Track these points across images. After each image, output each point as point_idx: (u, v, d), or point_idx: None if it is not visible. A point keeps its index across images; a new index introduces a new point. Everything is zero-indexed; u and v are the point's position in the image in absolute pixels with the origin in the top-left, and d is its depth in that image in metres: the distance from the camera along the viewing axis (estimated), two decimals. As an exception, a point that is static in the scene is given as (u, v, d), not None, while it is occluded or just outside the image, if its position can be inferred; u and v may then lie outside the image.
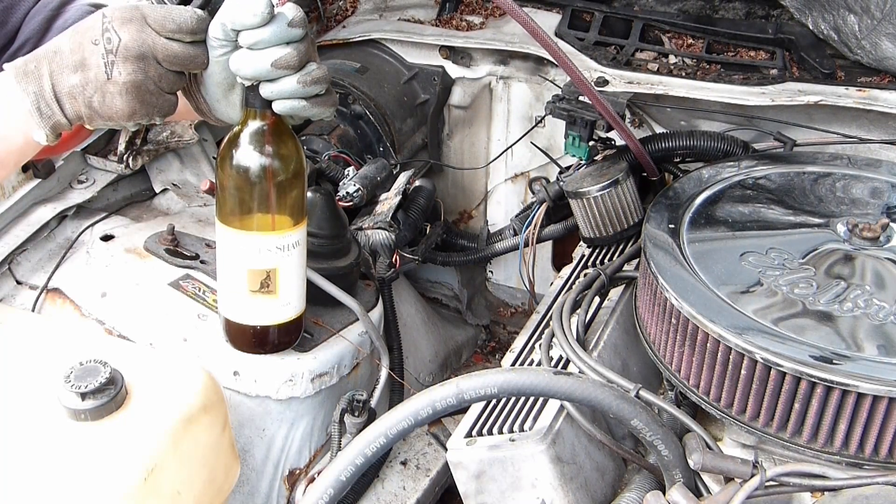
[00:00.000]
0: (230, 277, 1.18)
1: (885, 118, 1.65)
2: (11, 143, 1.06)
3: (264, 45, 0.99)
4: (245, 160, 1.09)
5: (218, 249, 1.18)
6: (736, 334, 1.06)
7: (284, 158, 1.11)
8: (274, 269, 1.15)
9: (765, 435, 1.08)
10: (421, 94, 2.12)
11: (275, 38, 0.99)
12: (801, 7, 1.74)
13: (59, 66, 1.02)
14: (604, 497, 1.22)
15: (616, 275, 1.44)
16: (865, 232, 1.23)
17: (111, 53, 1.00)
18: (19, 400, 1.11)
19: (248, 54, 1.01)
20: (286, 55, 1.00)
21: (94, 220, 1.63)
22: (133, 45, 1.00)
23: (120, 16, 1.01)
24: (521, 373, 1.01)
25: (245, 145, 1.09)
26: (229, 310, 1.21)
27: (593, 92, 1.43)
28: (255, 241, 1.14)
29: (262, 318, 1.20)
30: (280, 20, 0.99)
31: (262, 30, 0.98)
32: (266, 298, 1.17)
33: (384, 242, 1.64)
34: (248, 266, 1.15)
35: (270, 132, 1.09)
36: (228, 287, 1.19)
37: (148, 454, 1.07)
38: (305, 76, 1.02)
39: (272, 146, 1.09)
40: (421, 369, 1.90)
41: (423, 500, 1.58)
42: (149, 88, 1.02)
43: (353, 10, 2.31)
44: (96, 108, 1.02)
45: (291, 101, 1.04)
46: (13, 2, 1.29)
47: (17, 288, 1.52)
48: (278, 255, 1.15)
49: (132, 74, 1.00)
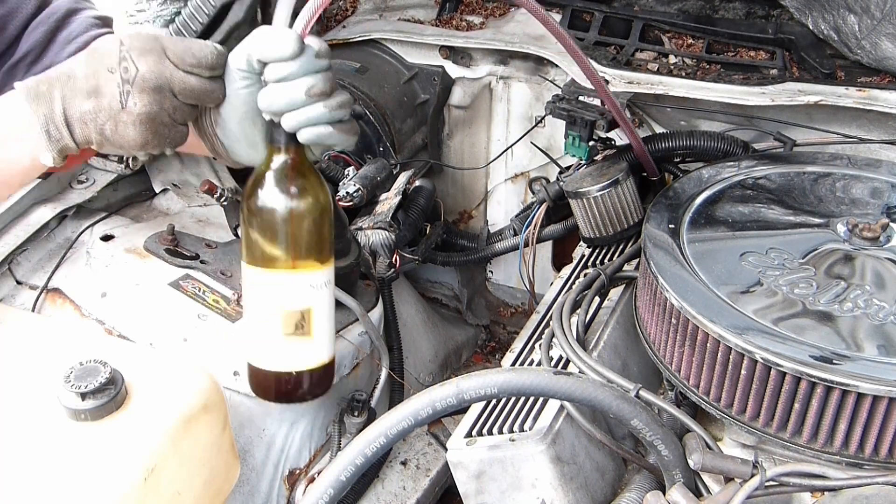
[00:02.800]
0: (261, 322, 1.11)
1: (885, 118, 1.65)
2: (18, 164, 1.05)
3: (294, 77, 0.99)
4: (274, 200, 1.06)
5: (246, 294, 1.12)
6: (736, 334, 1.06)
7: (313, 194, 1.08)
8: (308, 308, 1.09)
9: (765, 435, 1.08)
10: (421, 94, 2.12)
11: (303, 70, 0.99)
12: (801, 7, 1.74)
13: (72, 91, 1.02)
14: (604, 497, 1.22)
15: (616, 275, 1.44)
16: (865, 232, 1.23)
17: (127, 83, 0.99)
18: (19, 400, 1.11)
19: (278, 87, 1.00)
20: (319, 83, 1.00)
21: (94, 220, 1.63)
22: (151, 76, 0.99)
23: (139, 46, 1.00)
24: (521, 373, 1.01)
25: (272, 185, 1.06)
26: (260, 358, 1.12)
27: (604, 88, 1.43)
28: (289, 280, 1.09)
29: (298, 363, 1.12)
30: (308, 52, 0.99)
31: (292, 62, 0.98)
32: (301, 341, 1.11)
33: (384, 242, 1.64)
34: (283, 307, 1.09)
35: (296, 168, 1.07)
36: (259, 333, 1.12)
37: (148, 454, 1.07)
38: (332, 102, 1.02)
39: (301, 182, 1.07)
40: (421, 369, 1.90)
41: (423, 500, 1.58)
42: (163, 120, 1.02)
43: (353, 10, 2.31)
44: (108, 135, 1.02)
45: (318, 128, 1.02)
46: (12, 8, 1.28)
47: (17, 288, 1.52)
48: (312, 294, 1.10)
49: (147, 106, 1.00)
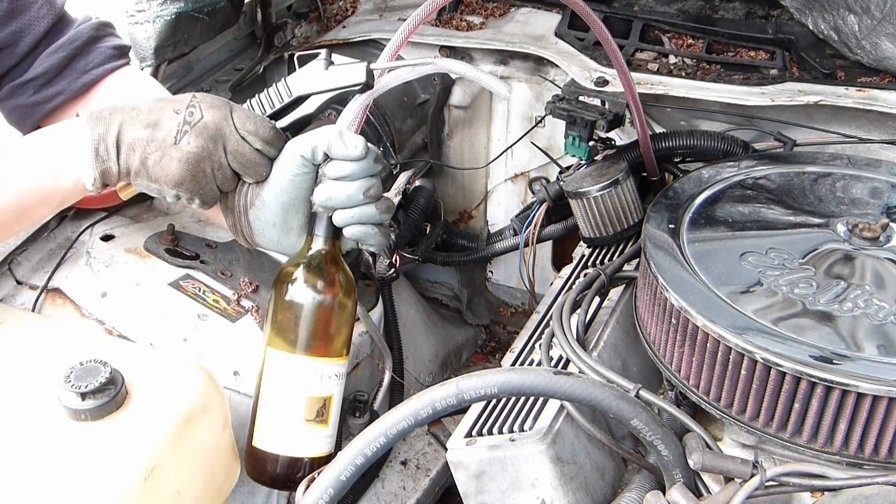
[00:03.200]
0: (282, 407, 1.12)
1: (885, 118, 1.65)
2: (61, 182, 1.08)
3: (355, 177, 1.06)
4: (313, 291, 1.11)
5: (266, 378, 1.13)
6: (736, 334, 1.06)
7: (347, 286, 1.14)
8: (330, 396, 1.13)
9: (765, 435, 1.08)
10: (421, 94, 2.11)
11: (364, 171, 1.06)
12: (801, 7, 1.74)
13: (132, 119, 1.06)
14: (604, 497, 1.22)
15: (616, 275, 1.44)
16: (865, 232, 1.23)
17: (188, 125, 1.04)
18: (19, 400, 1.11)
19: (338, 184, 1.07)
20: (375, 186, 1.08)
21: (94, 220, 1.63)
22: (212, 125, 1.05)
23: (210, 101, 1.07)
24: (521, 373, 1.01)
25: (312, 275, 1.11)
26: (276, 442, 1.13)
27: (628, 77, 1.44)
28: (318, 367, 1.12)
29: (309, 449, 1.14)
30: (370, 156, 1.07)
31: (356, 163, 1.06)
32: (318, 429, 1.13)
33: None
34: (308, 393, 1.11)
35: (334, 261, 1.13)
36: (277, 417, 1.13)
37: (148, 454, 1.07)
38: (382, 204, 1.10)
39: (337, 275, 1.13)
40: (421, 369, 1.90)
41: (423, 500, 1.58)
42: (205, 169, 1.06)
43: (353, 11, 2.31)
44: (149, 165, 1.05)
45: (366, 227, 1.09)
46: (26, 24, 1.30)
47: (17, 288, 1.51)
48: (334, 383, 1.13)
49: (198, 148, 1.04)
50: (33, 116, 1.34)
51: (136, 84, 1.39)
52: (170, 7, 1.73)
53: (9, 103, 1.35)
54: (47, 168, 1.08)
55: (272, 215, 1.11)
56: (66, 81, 1.33)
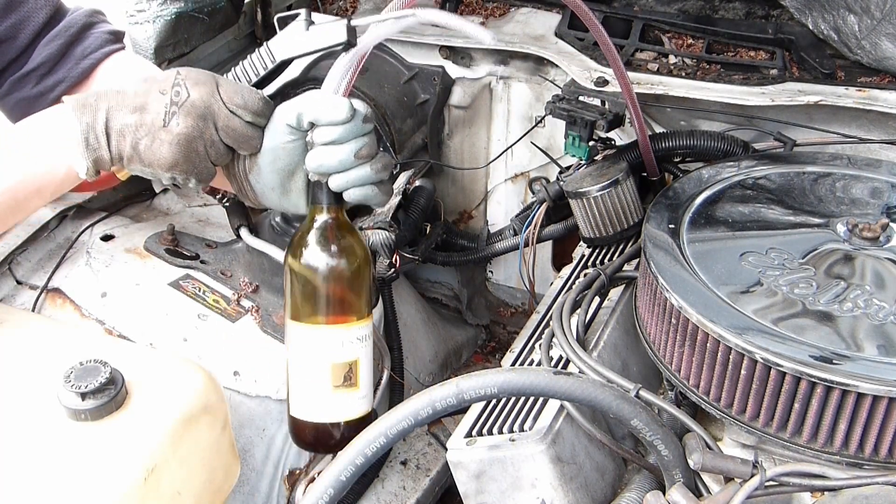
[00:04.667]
0: (309, 376, 1.14)
1: (885, 118, 1.65)
2: (54, 172, 1.07)
3: (343, 141, 1.04)
4: (322, 258, 1.11)
5: (291, 351, 1.15)
6: (736, 334, 1.06)
7: (357, 249, 1.13)
8: (356, 360, 1.13)
9: (765, 435, 1.08)
10: (421, 94, 2.11)
11: (351, 133, 1.04)
12: (801, 7, 1.74)
13: (119, 104, 1.04)
14: (604, 497, 1.22)
15: (616, 275, 1.44)
16: (865, 232, 1.23)
17: (175, 105, 1.03)
18: (19, 400, 1.11)
19: (328, 149, 1.05)
20: (366, 146, 1.06)
21: (94, 220, 1.63)
22: (200, 104, 1.03)
23: (195, 77, 1.05)
24: (521, 373, 1.01)
25: (318, 243, 1.11)
26: (308, 410, 1.15)
27: (626, 80, 1.43)
28: (337, 334, 1.12)
29: (344, 413, 1.15)
30: (357, 117, 1.04)
31: (342, 127, 1.03)
32: (348, 393, 1.14)
33: (384, 242, 1.64)
34: (332, 360, 1.12)
35: (340, 226, 1.12)
36: (307, 386, 1.15)
37: (148, 454, 1.07)
38: (377, 163, 1.07)
39: (345, 239, 1.12)
40: (421, 369, 1.90)
41: (423, 500, 1.58)
42: (197, 148, 1.04)
43: (353, 10, 2.31)
44: (141, 150, 1.04)
45: (364, 189, 1.08)
46: (24, 17, 1.29)
47: (17, 288, 1.52)
48: (358, 346, 1.14)
49: (188, 129, 1.03)
50: (38, 108, 1.33)
51: (133, 68, 1.38)
52: (170, 7, 1.73)
53: (11, 98, 1.34)
54: (39, 159, 1.06)
55: (269, 181, 1.11)
56: (66, 69, 1.32)
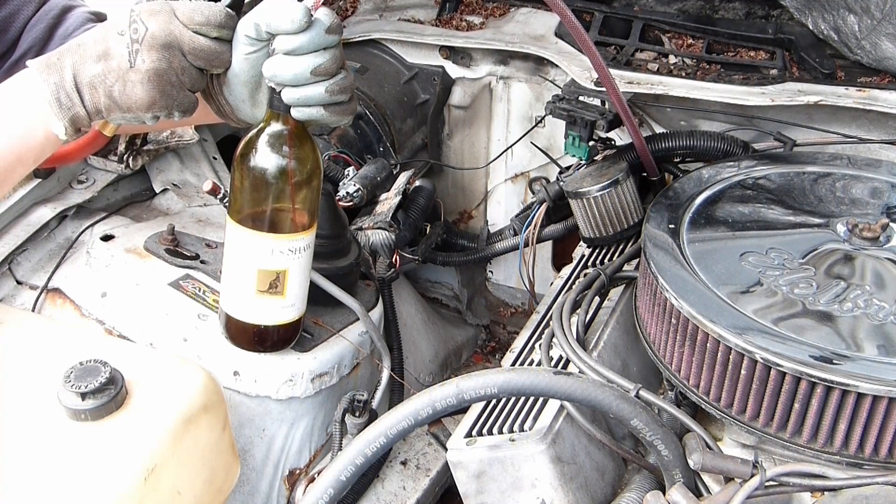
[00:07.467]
0: (237, 276, 1.18)
1: (885, 118, 1.65)
2: (32, 138, 1.05)
3: (302, 52, 0.99)
4: (265, 162, 1.09)
5: (227, 247, 1.17)
6: (736, 334, 1.06)
7: (303, 162, 1.11)
8: (284, 270, 1.15)
9: (765, 435, 1.08)
10: (421, 94, 2.12)
11: (312, 44, 0.98)
12: (801, 7, 1.74)
13: (82, 57, 1.02)
14: (604, 497, 1.22)
15: (616, 275, 1.44)
16: (865, 232, 1.23)
17: (136, 42, 0.99)
18: (19, 400, 1.11)
19: (285, 60, 1.00)
20: (325, 63, 0.99)
21: (94, 220, 1.63)
22: (160, 34, 0.99)
23: (148, 8, 1.01)
24: (521, 373, 1.01)
25: (266, 147, 1.09)
26: (233, 307, 1.21)
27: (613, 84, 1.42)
28: (267, 242, 1.13)
29: (267, 318, 1.21)
30: (317, 26, 0.98)
31: (300, 36, 0.98)
32: (272, 299, 1.18)
33: (384, 242, 1.64)
34: (259, 266, 1.15)
35: (291, 135, 1.08)
36: (234, 285, 1.19)
37: (148, 454, 1.07)
38: (334, 85, 1.02)
39: (293, 149, 1.09)
40: (421, 369, 1.90)
41: (423, 500, 1.58)
42: (170, 80, 1.01)
43: (353, 10, 2.31)
44: (116, 97, 1.01)
45: (313, 109, 1.03)
46: (14, 10, 1.29)
47: (18, 288, 1.52)
48: (289, 258, 1.15)
49: (156, 63, 0.99)
50: None
51: None
52: (170, 7, 1.73)
53: None
54: (14, 127, 1.04)
55: (240, 93, 1.08)
56: (51, 50, 1.31)
